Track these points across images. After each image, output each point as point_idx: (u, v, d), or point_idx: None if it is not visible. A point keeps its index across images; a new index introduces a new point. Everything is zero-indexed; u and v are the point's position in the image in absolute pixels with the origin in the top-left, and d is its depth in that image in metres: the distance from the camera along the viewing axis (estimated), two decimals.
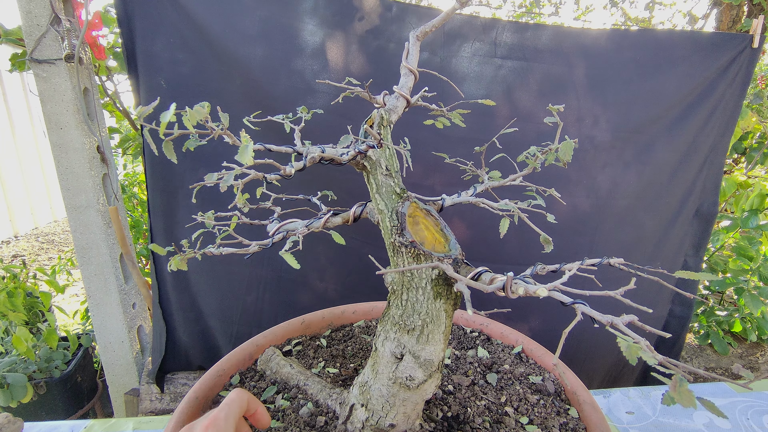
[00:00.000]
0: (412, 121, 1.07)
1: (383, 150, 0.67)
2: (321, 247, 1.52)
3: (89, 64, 1.41)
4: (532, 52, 1.41)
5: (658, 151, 1.50)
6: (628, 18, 3.91)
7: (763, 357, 2.12)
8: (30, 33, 1.28)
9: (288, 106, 1.32)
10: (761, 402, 1.02)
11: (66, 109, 1.34)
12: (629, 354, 0.37)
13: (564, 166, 0.65)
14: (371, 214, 0.70)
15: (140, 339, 1.70)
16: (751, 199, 1.90)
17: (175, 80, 1.33)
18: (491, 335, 0.98)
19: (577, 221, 1.52)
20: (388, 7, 1.34)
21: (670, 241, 1.61)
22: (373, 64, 1.37)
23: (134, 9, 1.27)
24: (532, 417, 0.75)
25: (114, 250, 1.52)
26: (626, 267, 0.56)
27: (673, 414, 0.98)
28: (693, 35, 1.46)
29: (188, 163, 1.39)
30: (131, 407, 1.67)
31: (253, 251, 0.66)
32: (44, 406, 1.70)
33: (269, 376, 0.82)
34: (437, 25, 0.72)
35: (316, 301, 1.56)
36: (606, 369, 1.76)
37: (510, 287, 0.48)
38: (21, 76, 4.54)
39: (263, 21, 1.31)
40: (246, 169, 0.56)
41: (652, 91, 1.44)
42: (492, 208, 0.69)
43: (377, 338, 0.65)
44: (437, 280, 0.60)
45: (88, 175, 1.41)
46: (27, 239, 4.60)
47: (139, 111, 0.51)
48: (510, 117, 1.43)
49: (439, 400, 0.76)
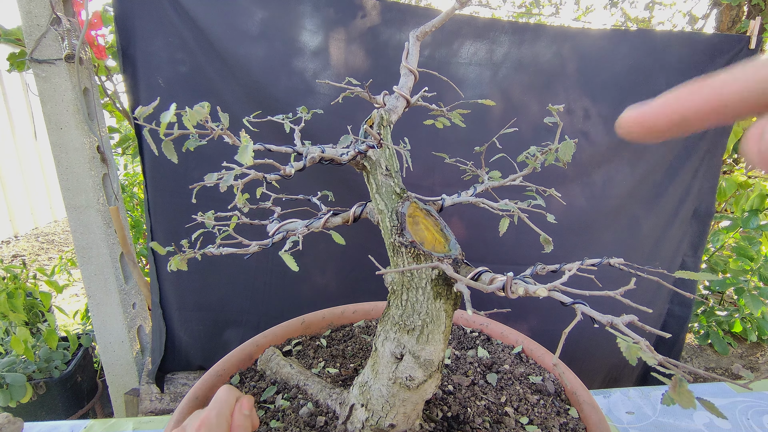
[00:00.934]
0: (410, 123, 1.08)
1: (383, 150, 0.67)
2: (323, 245, 1.52)
3: (89, 64, 1.41)
4: (531, 52, 1.41)
5: (656, 152, 1.50)
6: (628, 18, 3.91)
7: (763, 357, 2.12)
8: (30, 33, 1.28)
9: (288, 107, 1.33)
10: (761, 402, 1.02)
11: (66, 109, 1.34)
12: (629, 354, 0.37)
13: (564, 166, 0.65)
14: (371, 214, 0.70)
15: (140, 339, 1.70)
16: (751, 199, 1.90)
17: (173, 80, 1.33)
18: (491, 335, 0.98)
19: (574, 221, 1.52)
20: (388, 7, 1.34)
21: (668, 242, 1.62)
22: (373, 64, 1.37)
23: (132, 8, 1.27)
24: (532, 417, 0.75)
25: (114, 250, 1.51)
26: (626, 267, 0.56)
27: (673, 414, 0.98)
28: (691, 36, 1.46)
29: (188, 163, 1.39)
30: (131, 407, 1.67)
31: (253, 251, 0.66)
32: (44, 406, 1.70)
33: (269, 376, 0.82)
34: (437, 25, 0.72)
35: (319, 299, 1.56)
36: (606, 369, 1.76)
37: (510, 287, 0.48)
38: (21, 76, 4.54)
39: (263, 21, 1.31)
40: (246, 169, 0.56)
41: (650, 92, 1.44)
42: (492, 208, 0.69)
43: (377, 338, 0.65)
44: (437, 280, 0.60)
45: (88, 175, 1.40)
46: (27, 239, 4.60)
47: (138, 111, 0.51)
48: (508, 117, 1.43)
49: (439, 400, 0.76)
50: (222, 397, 0.55)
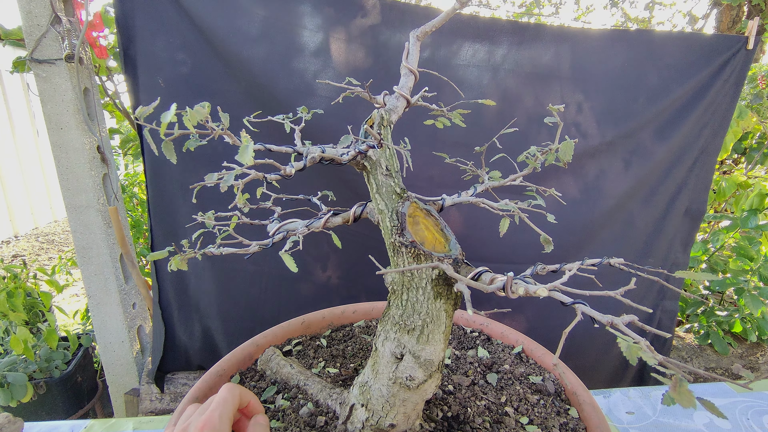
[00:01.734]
0: (408, 124, 1.08)
1: (383, 150, 0.67)
2: (325, 245, 1.52)
3: (89, 64, 1.41)
4: (531, 52, 1.41)
5: (652, 151, 1.51)
6: (628, 18, 3.91)
7: (763, 357, 2.12)
8: (30, 33, 1.28)
9: (288, 107, 1.33)
10: (761, 402, 1.02)
11: (66, 109, 1.34)
12: (629, 354, 0.37)
13: (564, 166, 0.65)
14: (371, 214, 0.70)
15: (140, 339, 1.70)
16: (751, 199, 1.90)
17: (174, 80, 1.33)
18: (491, 335, 0.98)
19: (570, 220, 1.53)
20: (388, 7, 1.34)
21: (660, 239, 1.63)
22: (373, 64, 1.37)
23: (133, 9, 1.27)
24: (532, 417, 0.75)
25: (114, 250, 1.52)
26: (626, 267, 0.56)
27: (674, 414, 0.98)
28: (689, 37, 1.46)
29: (188, 163, 1.39)
30: (131, 407, 1.67)
31: (253, 251, 0.66)
32: (44, 406, 1.70)
33: (269, 376, 0.82)
34: (437, 25, 0.72)
35: (320, 298, 1.56)
36: (606, 369, 1.76)
37: (510, 287, 0.48)
38: (21, 76, 4.55)
39: (263, 21, 1.31)
40: (246, 169, 0.56)
41: (645, 92, 1.45)
42: (492, 208, 0.69)
43: (377, 338, 0.65)
44: (437, 280, 0.60)
45: (88, 175, 1.41)
46: (27, 239, 4.60)
47: (139, 111, 0.51)
48: (509, 117, 1.43)
49: (439, 400, 0.76)
50: (226, 398, 0.54)
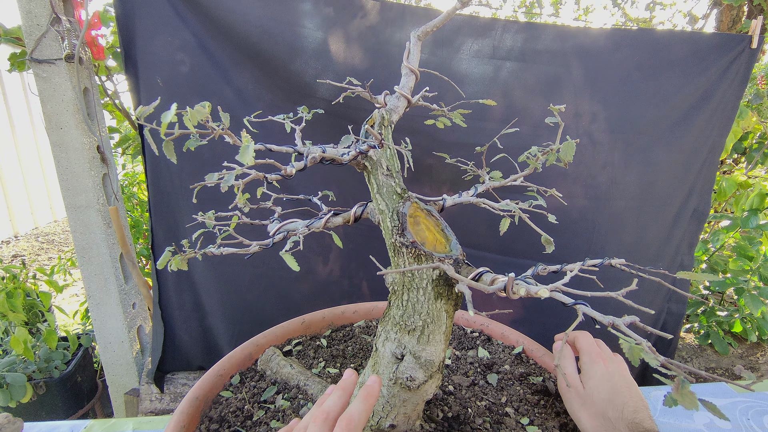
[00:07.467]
0: (407, 125, 1.07)
1: (384, 150, 0.67)
2: (326, 245, 1.52)
3: (89, 64, 1.41)
4: (532, 53, 1.40)
5: (659, 152, 1.50)
6: (628, 18, 3.91)
7: (763, 357, 2.12)
8: (30, 33, 1.28)
9: (288, 107, 1.32)
10: (762, 402, 1.02)
11: (66, 109, 1.34)
12: (632, 355, 0.36)
13: (565, 166, 0.65)
14: (372, 215, 0.70)
15: (140, 339, 1.70)
16: (751, 199, 1.89)
17: (175, 80, 1.33)
18: (492, 335, 0.98)
19: (575, 221, 1.52)
20: (388, 7, 1.34)
21: (671, 241, 1.62)
22: (374, 64, 1.37)
23: (134, 8, 1.27)
24: (533, 417, 0.74)
25: (114, 250, 1.51)
26: (627, 268, 0.56)
27: (674, 414, 0.98)
28: (692, 36, 1.46)
29: (188, 163, 1.39)
30: (131, 407, 1.67)
31: (253, 251, 0.66)
32: (44, 406, 1.70)
33: (269, 376, 0.82)
34: (438, 25, 0.72)
35: (320, 298, 1.56)
36: None
37: (511, 288, 0.47)
38: (21, 76, 4.54)
39: (263, 21, 1.31)
40: (247, 169, 0.56)
41: (652, 92, 1.44)
42: (493, 209, 0.69)
43: (378, 338, 0.65)
44: (438, 280, 0.60)
45: (88, 175, 1.40)
46: (27, 239, 4.60)
47: (139, 111, 0.51)
48: (509, 117, 1.43)
49: (440, 401, 0.76)
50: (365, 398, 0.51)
